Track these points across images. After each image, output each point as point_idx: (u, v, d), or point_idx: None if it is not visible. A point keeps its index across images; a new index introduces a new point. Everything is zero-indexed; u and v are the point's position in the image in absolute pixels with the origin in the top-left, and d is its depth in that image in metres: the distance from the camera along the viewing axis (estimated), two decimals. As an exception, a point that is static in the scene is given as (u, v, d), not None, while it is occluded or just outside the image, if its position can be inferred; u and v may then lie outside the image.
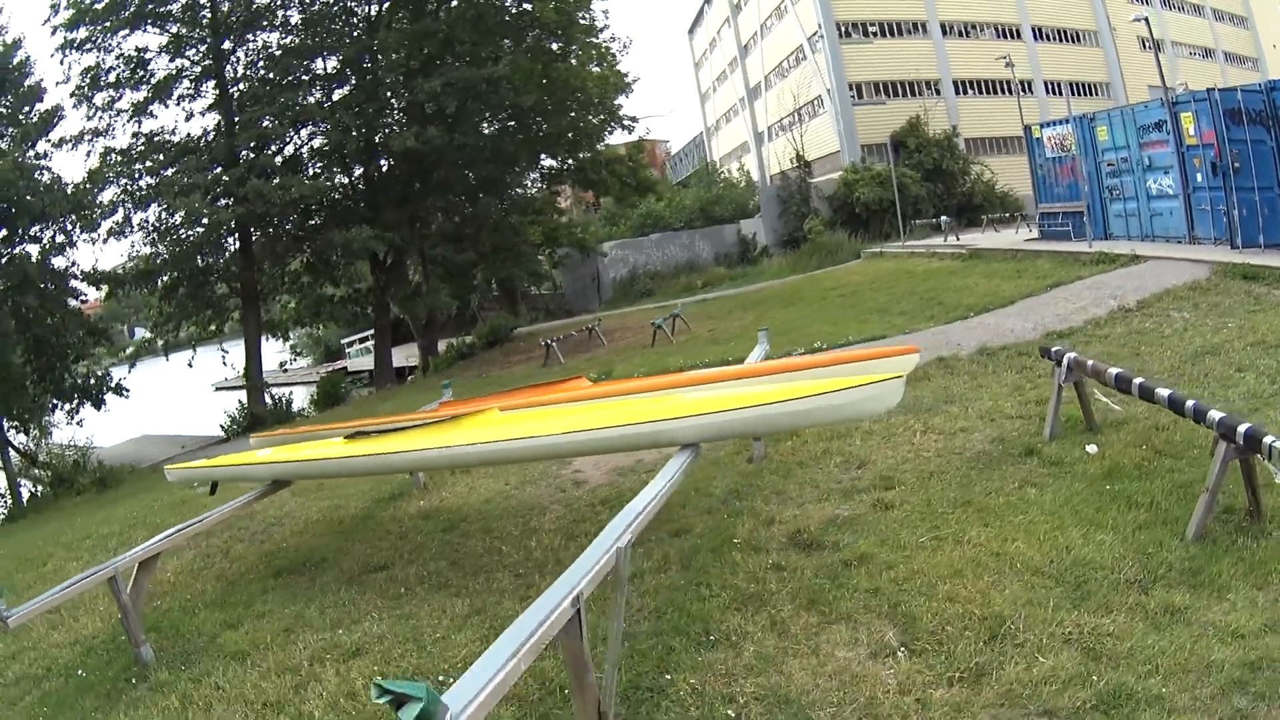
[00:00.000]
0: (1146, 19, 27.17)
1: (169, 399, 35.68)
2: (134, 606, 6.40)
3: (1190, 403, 5.27)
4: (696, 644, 4.73)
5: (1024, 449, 6.72)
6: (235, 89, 27.13)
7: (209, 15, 26.39)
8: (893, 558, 5.28)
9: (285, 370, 35.52)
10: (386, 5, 26.85)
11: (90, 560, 9.38)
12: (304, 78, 26.96)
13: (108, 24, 25.64)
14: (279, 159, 26.79)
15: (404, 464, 7.59)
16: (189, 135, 27.24)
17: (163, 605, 7.64)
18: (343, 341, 46.03)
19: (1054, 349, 7.04)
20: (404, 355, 34.64)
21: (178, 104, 27.45)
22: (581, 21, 26.61)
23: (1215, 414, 4.94)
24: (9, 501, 22.83)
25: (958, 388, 9.23)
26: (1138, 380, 5.83)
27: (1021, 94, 39.10)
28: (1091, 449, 6.47)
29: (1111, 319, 11.55)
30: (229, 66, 27.18)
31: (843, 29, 42.75)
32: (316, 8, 26.99)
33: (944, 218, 31.55)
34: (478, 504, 8.69)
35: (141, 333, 32.60)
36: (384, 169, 27.91)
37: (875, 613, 4.64)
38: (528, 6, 24.79)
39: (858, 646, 4.34)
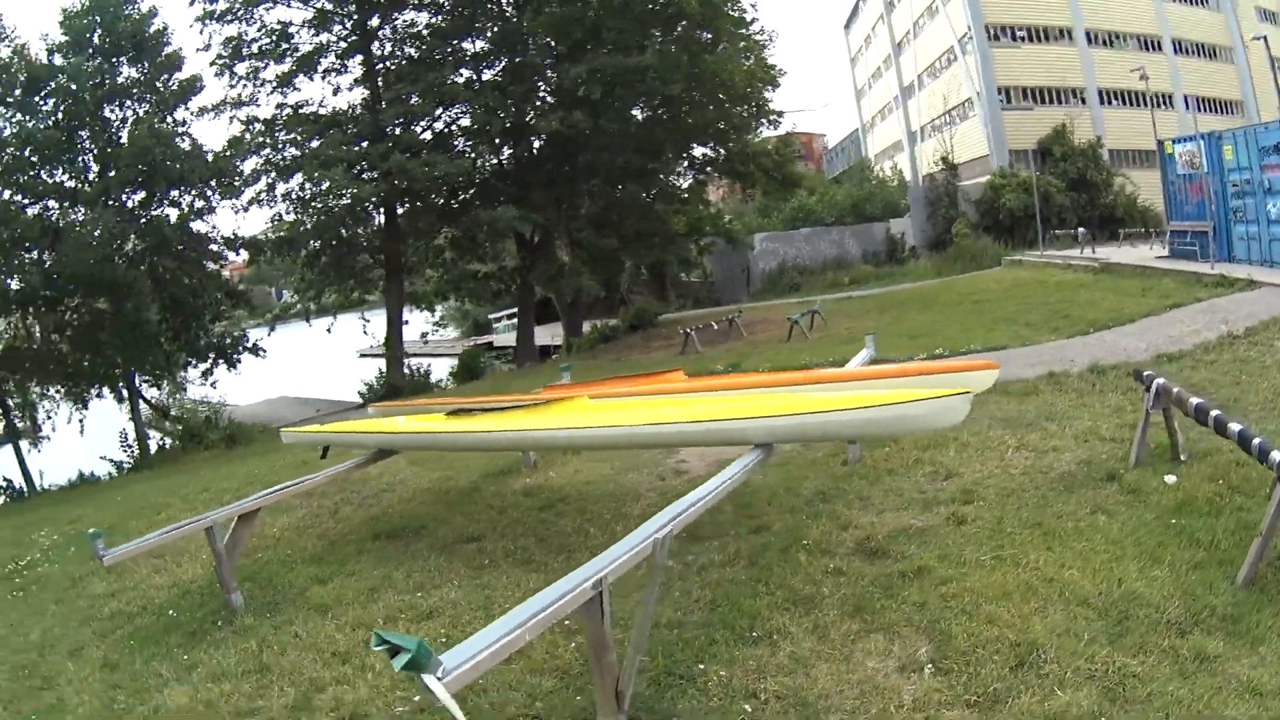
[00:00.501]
0: (1265, 37, 25.51)
1: (313, 363, 37.27)
2: (228, 556, 7.09)
3: (1256, 440, 5.12)
4: (738, 638, 4.97)
5: (1106, 474, 6.62)
6: (382, 65, 27.83)
7: None
8: (949, 573, 5.34)
9: (426, 341, 36.84)
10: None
11: (203, 512, 10.28)
12: (450, 57, 27.47)
13: None
14: (425, 136, 27.46)
15: (495, 443, 7.94)
16: (335, 109, 28.12)
17: (264, 558, 8.41)
18: (490, 316, 47.61)
19: (1145, 373, 6.83)
20: (549, 334, 35.79)
21: (323, 78, 28.28)
22: (730, 14, 26.43)
23: (1277, 454, 4.78)
24: (136, 452, 24.33)
25: (1062, 405, 9.09)
26: (1214, 412, 5.66)
27: (1162, 107, 37.64)
28: (1170, 479, 6.33)
29: (1220, 344, 11.17)
30: (376, 43, 27.91)
31: (992, 31, 41.78)
32: None
33: (1081, 229, 30.77)
34: (578, 486, 9.07)
35: (288, 296, 34.16)
36: (533, 150, 28.44)
37: (915, 626, 4.76)
38: None
39: (889, 658, 4.48)
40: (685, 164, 30.96)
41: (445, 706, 3.04)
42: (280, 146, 27.45)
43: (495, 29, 27.23)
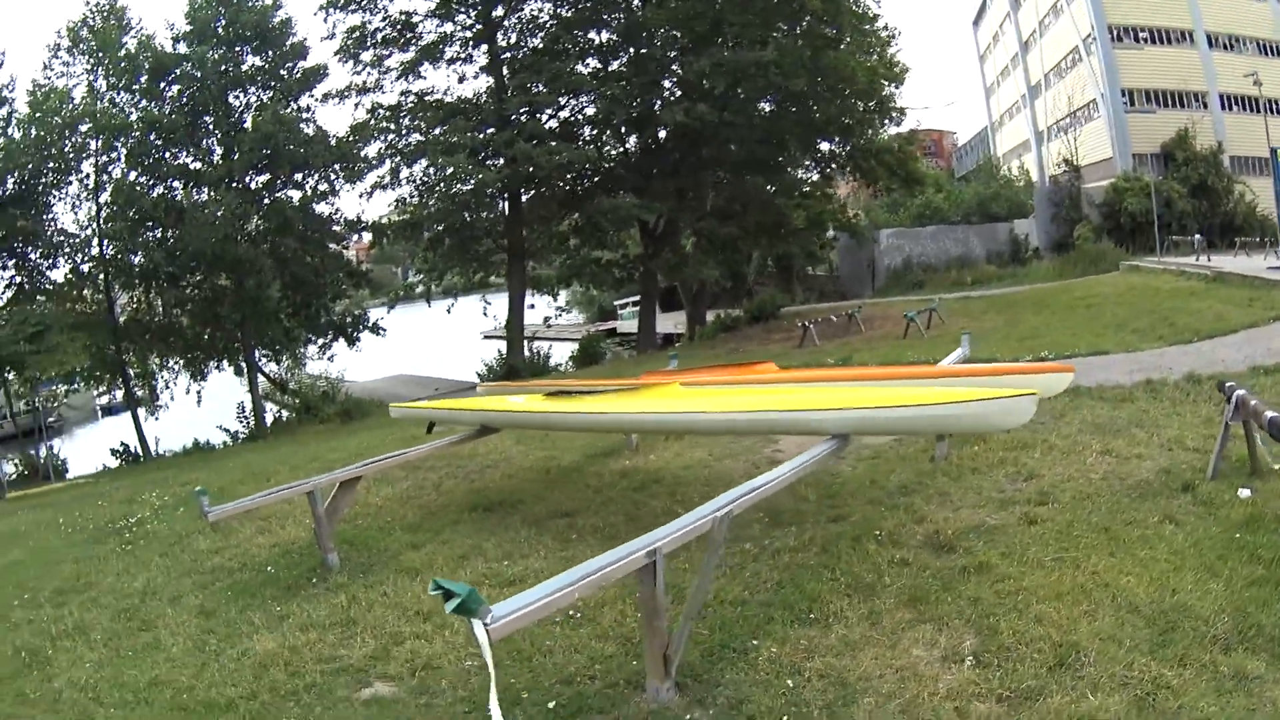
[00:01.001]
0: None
1: (435, 343, 38.13)
2: (328, 519, 7.61)
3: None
4: (795, 618, 5.14)
5: (1183, 484, 6.53)
6: (507, 55, 28.35)
7: None
8: (1010, 571, 5.38)
9: (550, 325, 37.60)
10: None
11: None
12: (574, 48, 27.88)
13: None
14: (550, 124, 27.91)
15: (588, 423, 8.30)
16: (459, 96, 28.73)
17: (364, 524, 8.89)
18: (616, 303, 48.43)
19: (1227, 384, 6.77)
20: (674, 322, 36.30)
21: (448, 66, 28.89)
22: (854, 9, 26.34)
23: None
24: (252, 422, 25.49)
25: (1154, 412, 8.98)
26: (1289, 428, 5.52)
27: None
28: (1244, 493, 6.20)
29: (1318, 360, 10.77)
30: (500, 33, 28.44)
31: (1115, 32, 40.89)
32: None
33: (1198, 236, 29.92)
34: (675, 469, 9.32)
35: (414, 276, 35.15)
36: (658, 141, 28.72)
37: (965, 620, 4.83)
38: None
39: (934, 648, 4.58)
40: (809, 158, 30.99)
41: (482, 650, 3.36)
42: (404, 132, 28.18)
43: (619, 20, 27.54)
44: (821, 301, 36.50)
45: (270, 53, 26.18)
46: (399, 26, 27.98)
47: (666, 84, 27.73)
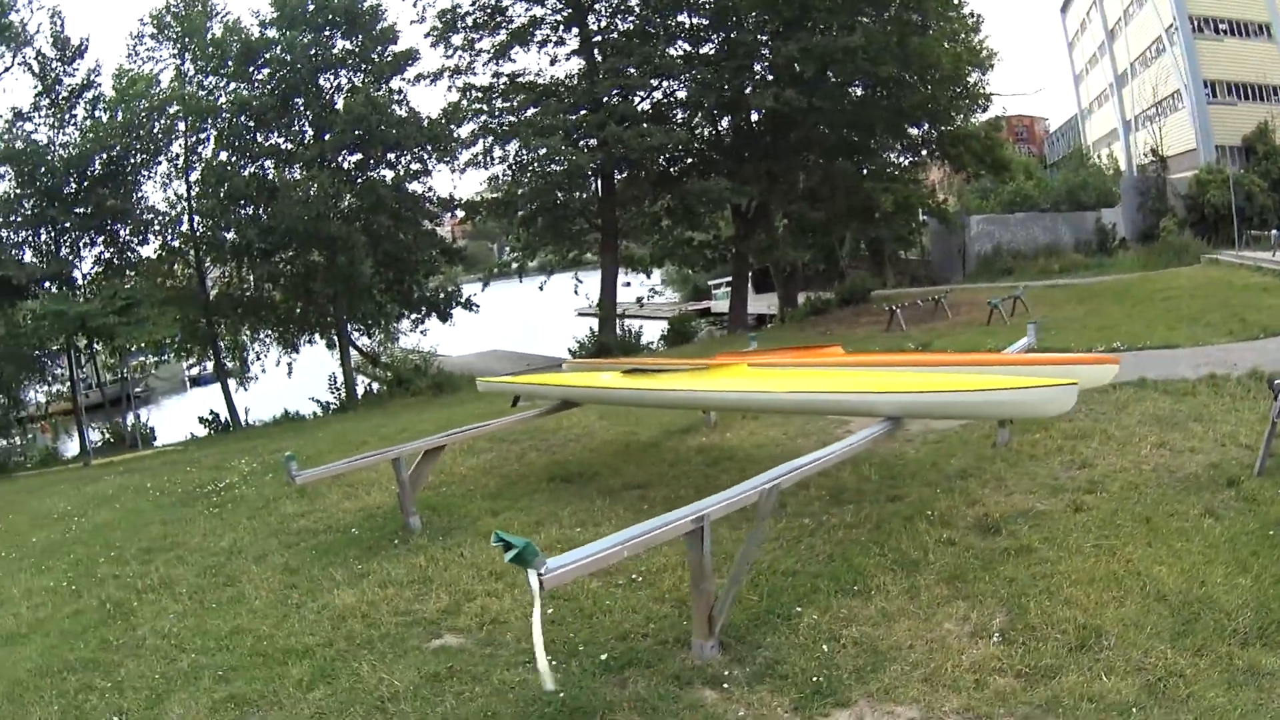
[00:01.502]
0: None
1: (531, 319, 38.75)
2: (411, 485, 8.17)
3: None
4: (840, 589, 5.43)
5: (1228, 479, 6.61)
6: (599, 38, 28.71)
7: None
8: (1049, 555, 5.58)
9: (643, 304, 38.18)
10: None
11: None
12: (664, 31, 28.16)
13: None
14: (642, 106, 28.28)
15: (660, 400, 8.88)
16: (551, 78, 29.23)
17: (448, 492, 9.47)
18: (710, 283, 48.92)
19: (1275, 382, 6.83)
20: (768, 303, 36.75)
21: (539, 49, 29.39)
22: None
23: None
24: (343, 394, 26.35)
25: (1214, 407, 9.00)
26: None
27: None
28: None
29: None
30: (591, 16, 28.80)
31: (1196, 23, 39.96)
32: None
33: (1274, 231, 29.31)
34: (749, 447, 9.65)
35: (510, 253, 35.78)
36: (749, 124, 28.99)
37: (998, 599, 5.05)
38: None
39: (965, 623, 4.81)
40: (897, 143, 30.98)
41: (533, 596, 3.84)
42: (497, 113, 28.79)
43: (709, 4, 27.71)
44: (913, 286, 36.58)
45: (360, 37, 26.82)
46: (488, 10, 28.53)
47: (757, 68, 27.83)
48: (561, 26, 28.91)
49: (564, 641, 5.23)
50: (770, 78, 27.00)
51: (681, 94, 28.86)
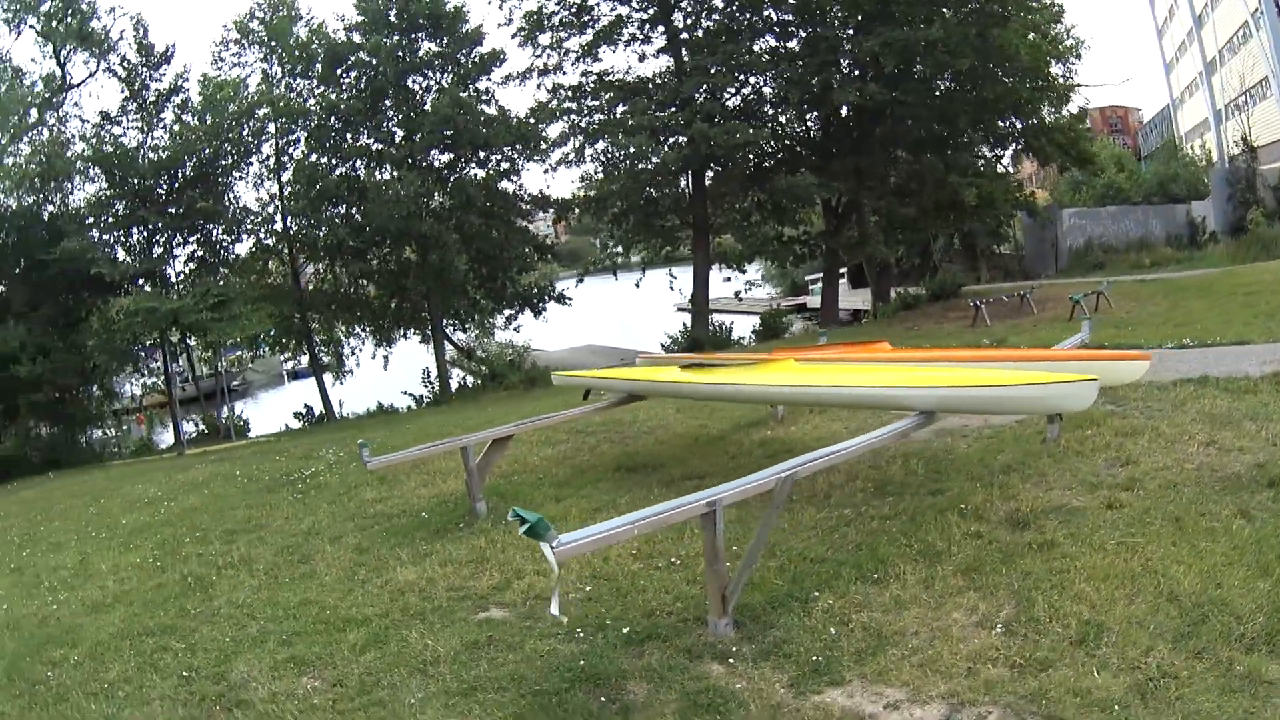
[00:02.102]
0: None
1: (631, 314, 39.32)
2: (478, 472, 8.69)
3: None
4: (860, 576, 5.65)
5: (1270, 480, 6.45)
6: (686, 36, 28.95)
7: None
8: (1071, 550, 5.61)
9: (740, 299, 38.49)
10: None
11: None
12: (748, 28, 28.25)
13: None
14: (728, 103, 28.47)
15: (712, 394, 9.30)
16: (639, 76, 29.58)
17: (518, 480, 10.03)
18: (808, 278, 49.16)
19: None
20: (862, 298, 37.24)
21: (625, 47, 29.72)
22: None
23: None
24: (437, 388, 27.18)
25: (1273, 406, 8.73)
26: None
27: None
28: None
29: None
30: (677, 14, 29.09)
31: None
32: None
33: None
34: (809, 441, 9.74)
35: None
36: (836, 120, 29.02)
37: (1010, 591, 5.16)
38: None
39: (973, 614, 4.96)
40: (982, 137, 30.54)
41: (550, 565, 4.20)
42: (586, 112, 29.27)
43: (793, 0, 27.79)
44: (1006, 280, 35.99)
45: (445, 39, 27.42)
46: (574, 10, 28.96)
47: (841, 63, 27.78)
48: (647, 25, 29.26)
49: (596, 616, 5.63)
50: (854, 73, 27.07)
51: (768, 90, 29.07)
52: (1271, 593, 4.74)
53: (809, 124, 30.12)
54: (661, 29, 29.09)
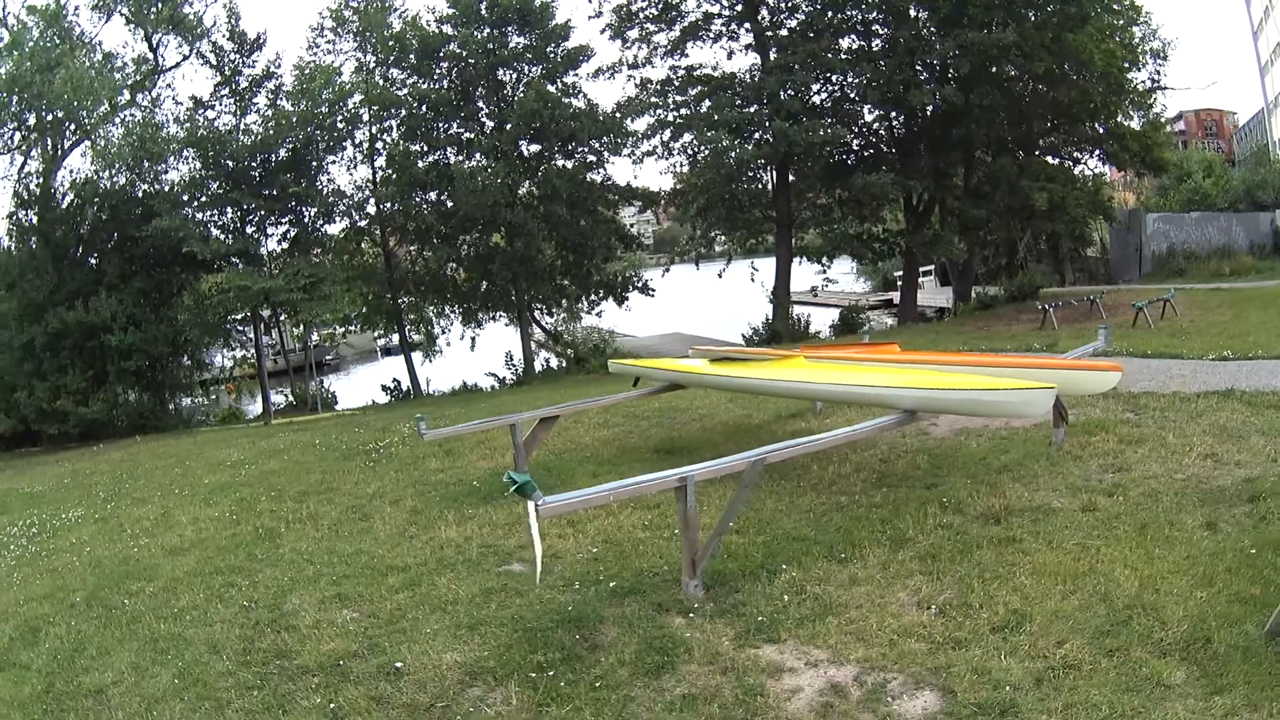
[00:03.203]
0: None
1: (722, 304, 39.89)
2: (524, 449, 9.68)
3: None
4: (827, 555, 6.31)
5: (1253, 495, 6.57)
6: (769, 33, 29.23)
7: None
8: (1031, 547, 5.99)
9: (815, 294, 38.80)
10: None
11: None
12: (829, 28, 28.42)
13: None
14: (809, 101, 28.66)
15: (728, 385, 10.27)
16: (724, 72, 29.92)
17: (569, 457, 11.08)
18: (896, 274, 49.35)
19: None
20: (946, 297, 37.15)
21: (715, 42, 30.16)
22: None
23: None
24: (522, 370, 28.18)
25: (1298, 421, 8.76)
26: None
27: None
28: None
29: None
30: (764, 11, 29.42)
31: None
32: None
33: None
34: (836, 424, 10.29)
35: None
36: (916, 120, 29.17)
37: (956, 578, 5.63)
38: None
39: (916, 595, 5.49)
40: (1060, 141, 30.45)
41: (530, 521, 5.05)
42: (672, 107, 29.81)
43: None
44: (1090, 284, 35.50)
45: (534, 34, 27.92)
46: (660, 6, 29.52)
47: (919, 65, 27.81)
48: (733, 22, 29.65)
49: (595, 573, 6.49)
50: (931, 75, 27.17)
51: (850, 90, 29.20)
52: (1206, 603, 4.92)
53: (892, 123, 30.17)
54: (748, 26, 29.48)
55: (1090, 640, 4.67)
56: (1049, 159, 30.45)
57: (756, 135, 27.60)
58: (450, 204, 27.40)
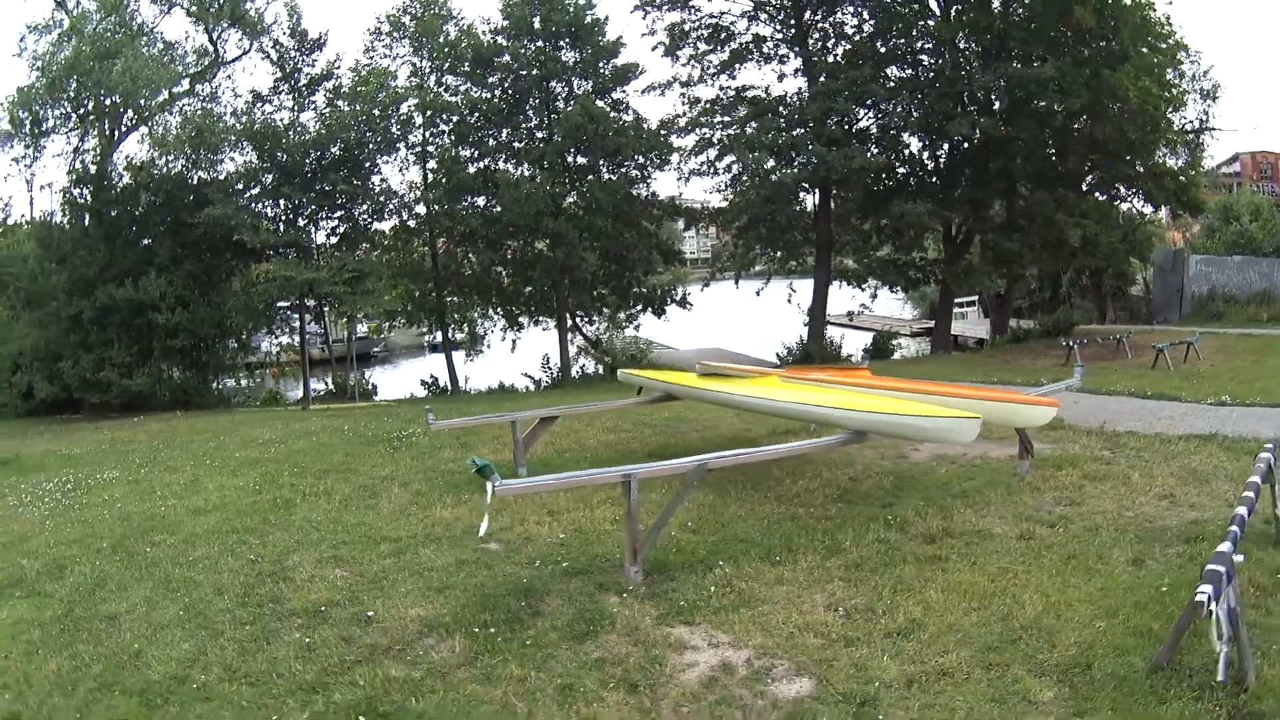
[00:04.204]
0: None
1: (767, 322, 40.59)
2: (523, 444, 10.53)
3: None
4: (763, 557, 6.94)
5: (1189, 537, 6.77)
6: (817, 59, 29.71)
7: None
8: (954, 566, 6.42)
9: (851, 318, 39.20)
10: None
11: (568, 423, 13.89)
12: (873, 57, 28.82)
13: None
14: (853, 127, 29.17)
15: (707, 398, 11.25)
16: (770, 95, 30.37)
17: (571, 455, 11.96)
18: None
19: (1269, 444, 6.58)
20: (986, 329, 37.32)
21: (764, 64, 30.76)
22: (1142, 21, 25.73)
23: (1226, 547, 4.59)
24: (559, 374, 28.88)
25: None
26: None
27: None
28: (1238, 558, 5.85)
29: None
30: (814, 37, 29.99)
31: None
32: None
33: None
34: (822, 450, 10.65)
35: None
36: (954, 151, 29.58)
37: (872, 587, 6.12)
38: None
39: (830, 598, 6.03)
40: (1097, 179, 30.46)
41: (486, 498, 5.89)
42: (718, 126, 30.34)
43: (926, 27, 28.42)
44: (1131, 323, 35.27)
45: (587, 50, 28.48)
46: (709, 28, 30.18)
47: (954, 96, 28.03)
48: (784, 44, 30.28)
49: (557, 555, 7.28)
50: (970, 107, 27.44)
51: (894, 118, 29.61)
52: (1102, 632, 5.18)
53: (935, 153, 30.49)
54: (797, 50, 30.06)
55: (975, 653, 5.04)
56: (1096, 194, 30.43)
57: (800, 159, 28.08)
58: (497, 209, 28.17)
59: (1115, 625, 5.25)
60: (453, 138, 29.12)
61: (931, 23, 27.94)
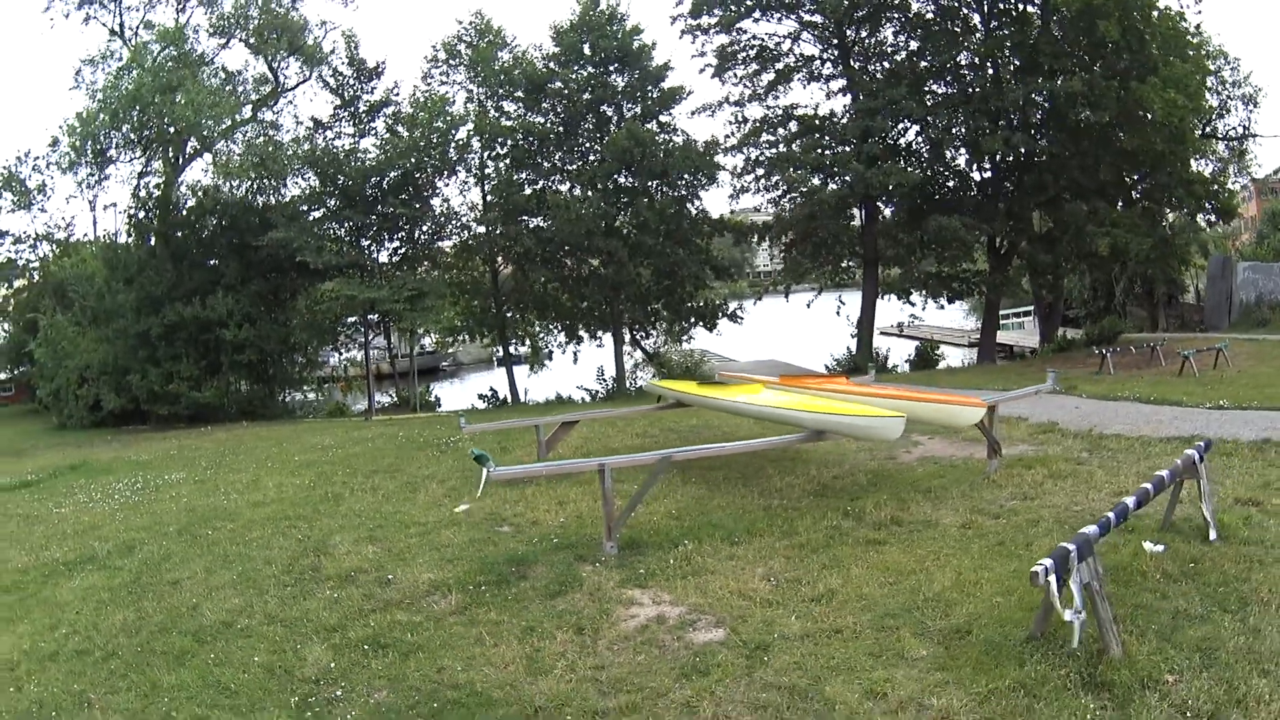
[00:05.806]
0: None
1: (824, 334, 41.46)
2: (546, 444, 11.80)
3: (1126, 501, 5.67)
4: (725, 538, 7.98)
5: (1127, 529, 6.84)
6: (861, 78, 30.25)
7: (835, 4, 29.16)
8: (890, 549, 7.21)
9: (901, 329, 39.73)
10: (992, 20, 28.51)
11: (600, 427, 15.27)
12: (911, 75, 29.37)
13: (730, 12, 30.14)
14: (896, 144, 29.94)
15: (702, 404, 12.50)
16: (814, 114, 31.14)
17: (595, 456, 12.68)
18: (1002, 313, 49.60)
19: (1200, 444, 7.02)
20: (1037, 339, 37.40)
21: (809, 83, 31.58)
22: (1169, 30, 25.97)
23: (1090, 530, 5.10)
24: (616, 384, 30.09)
25: (1238, 470, 9.07)
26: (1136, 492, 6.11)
27: None
28: (1151, 547, 6.47)
29: None
30: (859, 54, 30.72)
31: None
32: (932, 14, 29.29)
33: None
34: (817, 452, 11.65)
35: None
36: (993, 166, 29.96)
37: (805, 565, 7.05)
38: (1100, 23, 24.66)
39: (769, 571, 6.98)
40: (1128, 187, 30.40)
41: (482, 486, 7.27)
42: (765, 145, 31.26)
43: (971, 44, 28.92)
44: (1182, 331, 35.34)
45: (635, 74, 29.53)
46: (754, 50, 31.08)
47: (996, 112, 28.33)
48: (829, 64, 31.08)
49: (555, 534, 8.53)
50: (1008, 121, 27.87)
51: (934, 134, 30.04)
52: (997, 606, 5.70)
53: (978, 166, 30.86)
54: (841, 68, 30.81)
55: (874, 618, 5.74)
56: (1142, 204, 30.35)
57: (843, 177, 28.69)
58: (550, 228, 29.28)
59: (1010, 601, 5.73)
60: (509, 161, 30.36)
61: (976, 37, 28.58)
